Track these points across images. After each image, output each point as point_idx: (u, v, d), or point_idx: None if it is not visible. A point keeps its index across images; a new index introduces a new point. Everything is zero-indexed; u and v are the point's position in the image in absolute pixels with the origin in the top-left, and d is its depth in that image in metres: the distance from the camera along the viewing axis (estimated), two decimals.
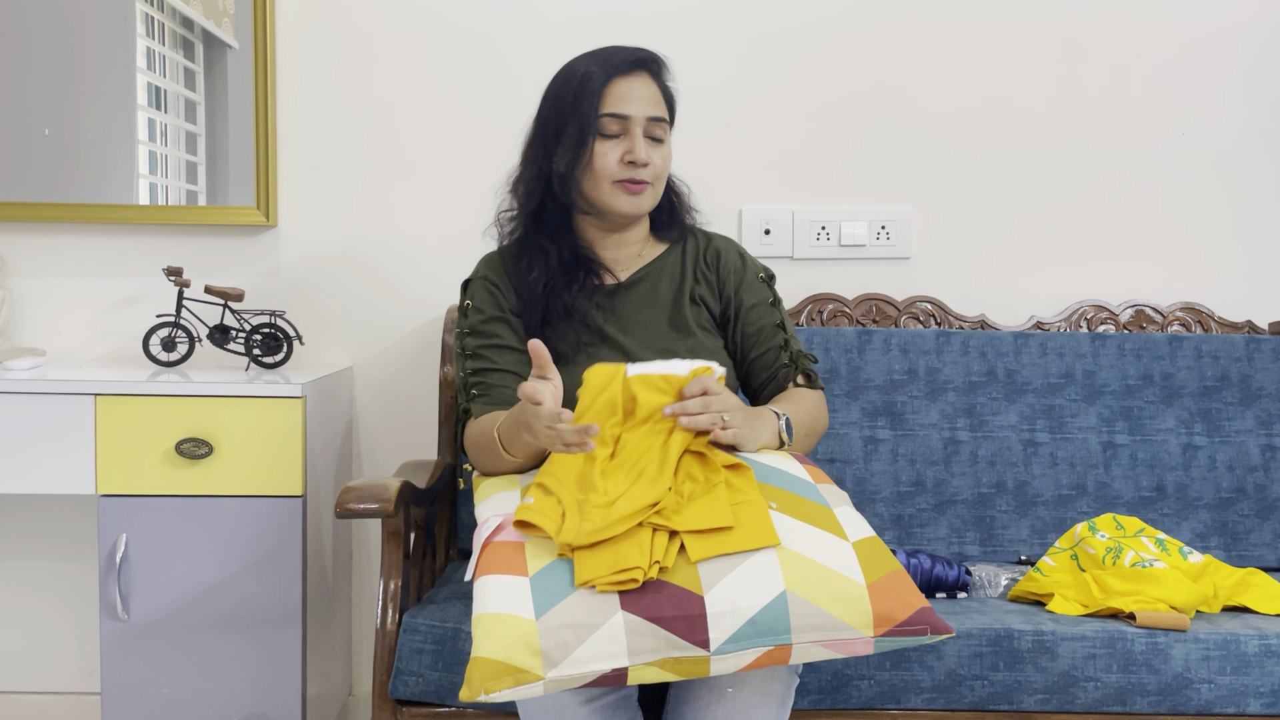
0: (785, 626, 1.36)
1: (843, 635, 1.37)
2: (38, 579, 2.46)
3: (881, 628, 1.37)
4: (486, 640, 1.34)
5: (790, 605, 1.36)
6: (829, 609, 1.36)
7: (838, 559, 1.41)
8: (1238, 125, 2.46)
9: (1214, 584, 1.87)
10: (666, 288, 1.83)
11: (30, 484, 2.03)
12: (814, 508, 1.47)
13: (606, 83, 1.73)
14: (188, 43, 2.42)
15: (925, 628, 1.38)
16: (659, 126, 1.76)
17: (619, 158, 1.73)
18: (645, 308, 1.81)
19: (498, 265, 1.83)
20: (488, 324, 1.78)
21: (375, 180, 2.44)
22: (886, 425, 2.26)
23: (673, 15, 2.43)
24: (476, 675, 1.33)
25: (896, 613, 1.38)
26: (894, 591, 1.39)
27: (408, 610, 1.77)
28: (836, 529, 1.45)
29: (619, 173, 1.74)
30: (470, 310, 1.80)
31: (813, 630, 1.36)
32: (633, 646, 1.34)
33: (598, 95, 1.72)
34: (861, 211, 2.45)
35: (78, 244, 2.43)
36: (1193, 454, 2.26)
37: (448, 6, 2.42)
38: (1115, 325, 2.41)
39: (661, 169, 1.77)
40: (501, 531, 1.48)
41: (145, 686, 2.04)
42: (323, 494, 2.19)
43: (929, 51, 2.44)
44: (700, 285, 1.84)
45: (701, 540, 1.40)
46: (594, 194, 1.76)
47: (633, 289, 1.82)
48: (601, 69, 1.74)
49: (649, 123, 1.75)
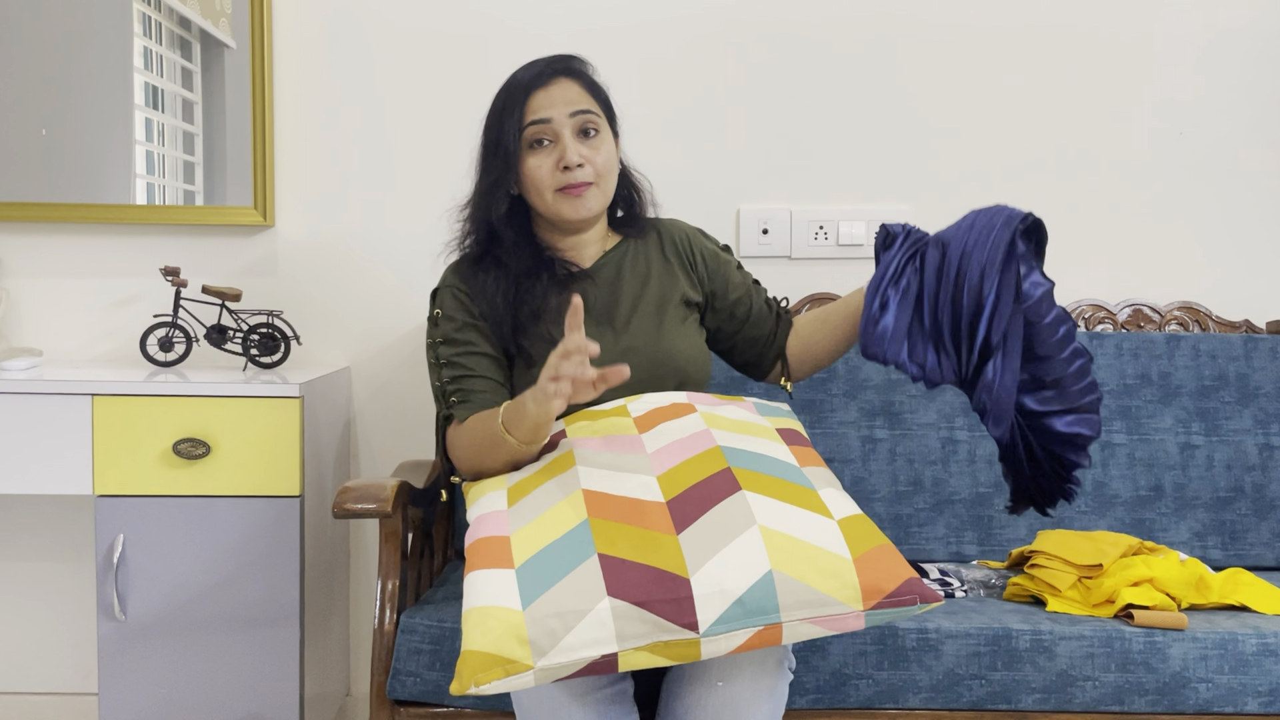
0: (774, 605, 1.36)
1: (832, 611, 1.37)
2: (35, 579, 2.46)
3: (870, 600, 1.37)
4: (475, 633, 1.35)
5: (777, 584, 1.36)
6: (816, 585, 1.36)
7: (822, 536, 1.41)
8: (1236, 125, 2.47)
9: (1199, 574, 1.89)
10: (630, 269, 1.84)
11: (27, 484, 2.03)
12: (797, 490, 1.47)
13: (527, 97, 1.74)
14: (185, 42, 2.41)
15: (914, 597, 1.38)
16: (588, 119, 1.75)
17: (552, 165, 1.74)
18: (612, 290, 1.81)
19: (466, 273, 1.82)
20: (461, 331, 1.77)
21: (373, 180, 2.44)
22: (884, 425, 2.26)
23: (671, 20, 2.42)
24: (466, 668, 1.33)
25: (884, 584, 1.37)
26: (881, 564, 1.39)
27: (405, 610, 1.77)
28: (821, 508, 1.45)
29: (556, 180, 1.74)
30: (441, 319, 1.79)
31: (802, 607, 1.36)
32: (621, 631, 1.34)
33: (520, 109, 1.74)
34: (859, 211, 2.45)
35: (75, 244, 2.42)
36: (1190, 453, 2.26)
37: (445, 8, 2.42)
38: (1113, 324, 2.41)
39: (603, 165, 1.76)
40: (487, 527, 1.48)
41: (142, 687, 2.04)
42: (320, 494, 2.19)
43: (927, 52, 2.44)
44: (670, 265, 1.85)
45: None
46: (540, 205, 1.78)
47: (598, 274, 1.82)
48: (520, 84, 1.75)
49: (575, 118, 1.74)
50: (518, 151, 1.74)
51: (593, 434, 1.61)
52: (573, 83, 1.77)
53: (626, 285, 1.82)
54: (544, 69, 1.76)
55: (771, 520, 1.41)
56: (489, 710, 1.71)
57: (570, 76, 1.77)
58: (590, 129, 1.75)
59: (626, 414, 1.64)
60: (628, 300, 1.81)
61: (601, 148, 1.76)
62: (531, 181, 1.75)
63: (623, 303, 1.81)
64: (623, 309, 1.80)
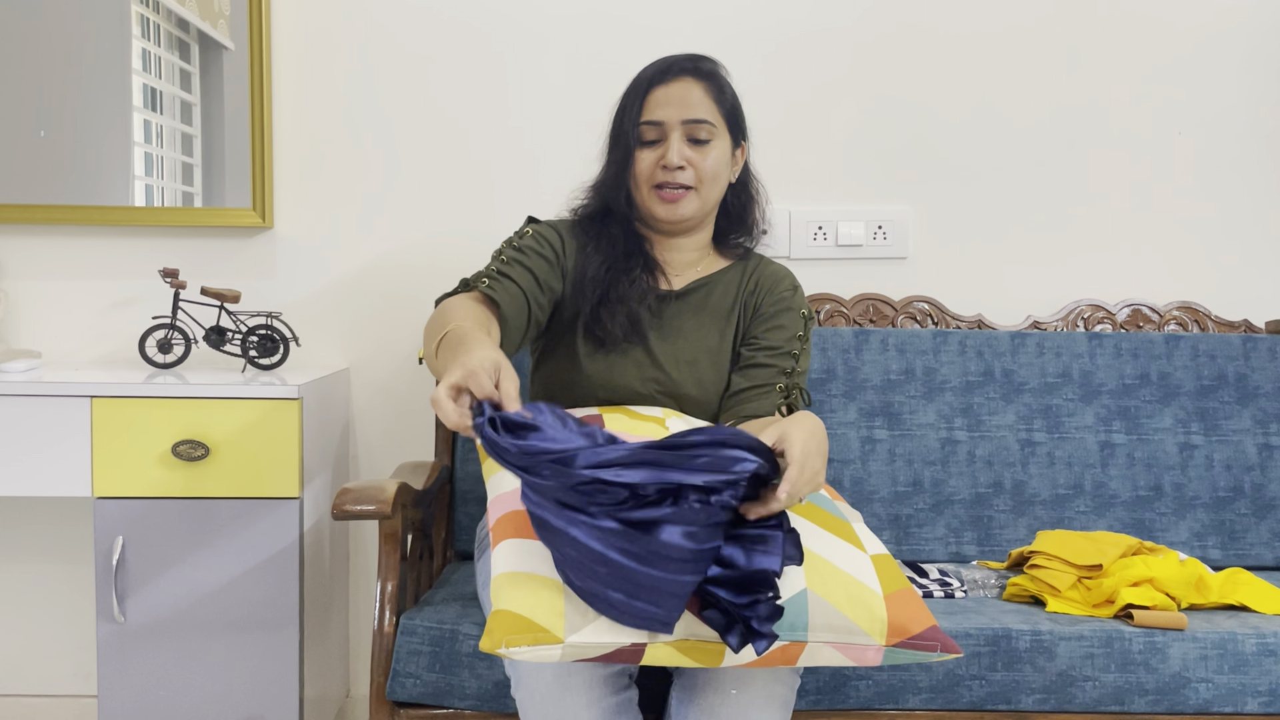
0: (804, 624, 1.36)
1: (856, 640, 1.37)
2: (34, 582, 2.46)
3: (895, 638, 1.38)
4: (511, 595, 1.32)
5: (810, 603, 1.36)
6: (847, 612, 1.37)
7: (856, 567, 1.42)
8: (1234, 125, 2.47)
9: (1199, 574, 1.89)
10: (718, 303, 1.83)
11: (26, 486, 2.03)
12: (833, 519, 1.49)
13: (648, 91, 1.76)
14: (183, 44, 2.41)
15: (936, 644, 1.39)
16: (701, 128, 1.75)
17: (655, 161, 1.76)
18: (690, 320, 1.81)
19: (573, 231, 1.83)
20: (531, 255, 1.76)
21: (371, 181, 2.44)
22: (884, 425, 2.26)
23: (674, 24, 2.42)
24: (499, 627, 1.31)
25: (910, 626, 1.39)
26: (908, 605, 1.41)
27: (405, 612, 1.76)
28: (855, 540, 1.47)
29: (655, 178, 1.76)
30: (527, 235, 1.80)
31: (829, 631, 1.37)
32: None
33: (639, 104, 1.76)
34: (858, 211, 2.45)
35: (73, 246, 2.42)
36: (1190, 453, 2.26)
37: (443, 10, 2.42)
38: (1112, 325, 2.41)
39: (708, 172, 1.76)
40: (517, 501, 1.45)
41: (142, 689, 2.04)
42: (319, 496, 2.19)
43: (926, 53, 2.44)
44: (746, 309, 1.84)
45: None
46: (638, 199, 1.80)
47: (684, 299, 1.82)
48: (646, 79, 1.78)
49: (687, 126, 1.75)
50: (633, 145, 1.76)
51: (629, 430, 1.59)
52: (696, 84, 1.77)
53: (707, 321, 1.81)
54: (669, 66, 1.77)
55: (809, 541, 1.42)
56: (489, 711, 1.71)
57: (695, 77, 1.77)
58: (701, 138, 1.76)
59: (664, 426, 1.63)
60: (690, 347, 1.79)
61: (710, 155, 1.76)
62: (635, 173, 1.77)
63: (686, 346, 1.79)
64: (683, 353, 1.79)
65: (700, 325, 1.81)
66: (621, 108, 1.80)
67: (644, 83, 1.78)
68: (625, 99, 1.80)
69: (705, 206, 1.80)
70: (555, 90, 2.42)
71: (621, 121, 1.79)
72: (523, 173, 2.43)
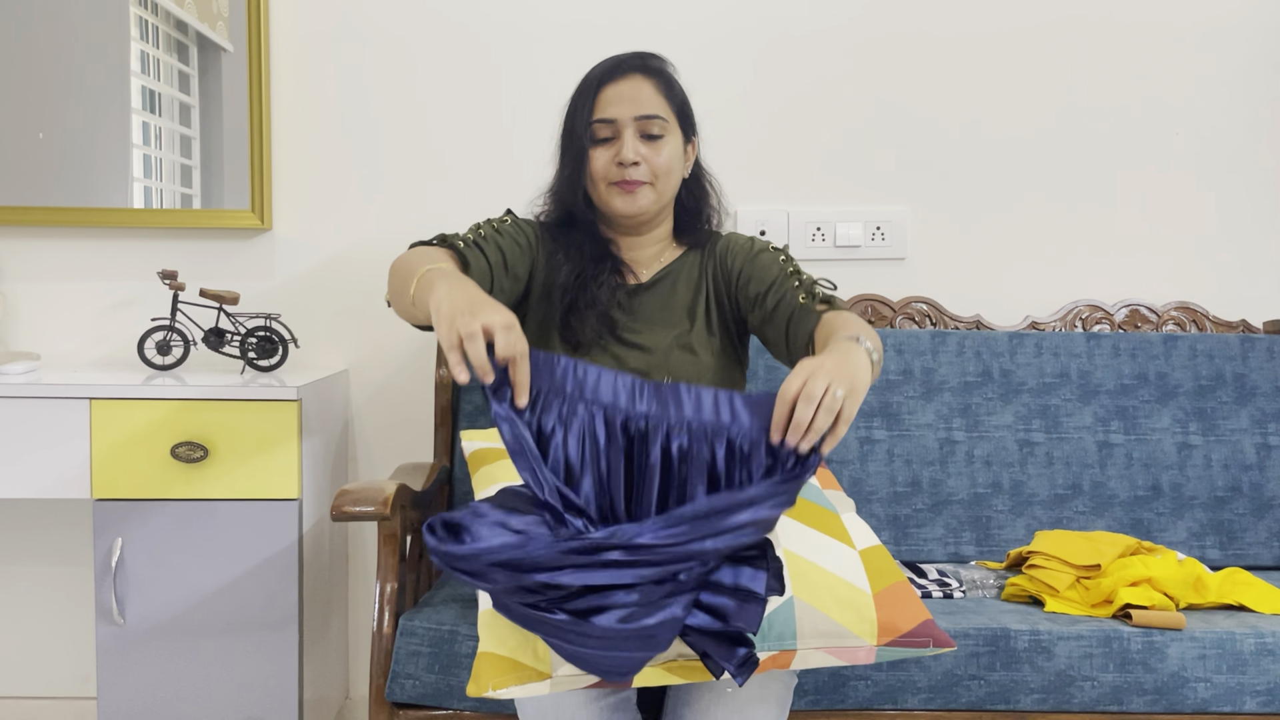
0: (791, 632, 1.36)
1: (847, 643, 1.37)
2: (33, 584, 2.46)
3: (885, 637, 1.38)
4: (494, 635, 1.34)
5: (798, 612, 1.36)
6: (835, 616, 1.37)
7: (845, 566, 1.41)
8: (1231, 125, 2.47)
9: (1197, 574, 1.89)
10: (684, 289, 1.83)
11: (25, 488, 2.03)
12: (820, 512, 1.48)
13: (599, 90, 1.76)
14: (182, 46, 2.41)
15: (928, 640, 1.39)
16: (654, 124, 1.76)
17: (610, 159, 1.76)
18: (661, 309, 1.82)
19: (545, 234, 1.83)
20: (509, 237, 1.77)
21: (369, 183, 2.44)
22: (882, 425, 2.26)
23: (669, 25, 2.42)
24: (485, 671, 1.32)
25: (901, 623, 1.38)
26: (899, 602, 1.40)
27: (404, 613, 1.76)
28: (843, 535, 1.46)
29: (611, 175, 1.76)
30: (506, 222, 1.80)
31: (818, 637, 1.37)
32: None
33: (590, 103, 1.76)
34: (856, 212, 2.45)
35: (72, 248, 2.42)
36: (1188, 453, 2.26)
37: (441, 11, 2.42)
38: (1110, 325, 2.41)
39: (662, 166, 1.77)
40: None
41: (141, 691, 2.04)
42: (319, 497, 2.19)
43: (924, 55, 2.44)
44: (716, 283, 1.84)
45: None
46: (596, 197, 1.79)
47: (652, 289, 1.83)
48: (595, 78, 1.77)
49: (639, 122, 1.75)
50: (587, 144, 1.76)
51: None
52: (646, 80, 1.77)
53: (677, 305, 1.81)
54: (618, 64, 1.77)
55: (795, 545, 1.41)
56: (489, 713, 1.71)
57: (645, 74, 1.78)
58: (654, 133, 1.76)
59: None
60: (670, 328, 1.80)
61: (663, 149, 1.77)
62: (591, 172, 1.77)
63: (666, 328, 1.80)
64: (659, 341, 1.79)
65: (671, 311, 1.81)
66: (572, 108, 1.79)
67: (594, 82, 1.77)
68: (575, 99, 1.79)
69: (661, 200, 1.80)
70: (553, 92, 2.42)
71: (573, 122, 1.78)
72: (520, 176, 2.43)
